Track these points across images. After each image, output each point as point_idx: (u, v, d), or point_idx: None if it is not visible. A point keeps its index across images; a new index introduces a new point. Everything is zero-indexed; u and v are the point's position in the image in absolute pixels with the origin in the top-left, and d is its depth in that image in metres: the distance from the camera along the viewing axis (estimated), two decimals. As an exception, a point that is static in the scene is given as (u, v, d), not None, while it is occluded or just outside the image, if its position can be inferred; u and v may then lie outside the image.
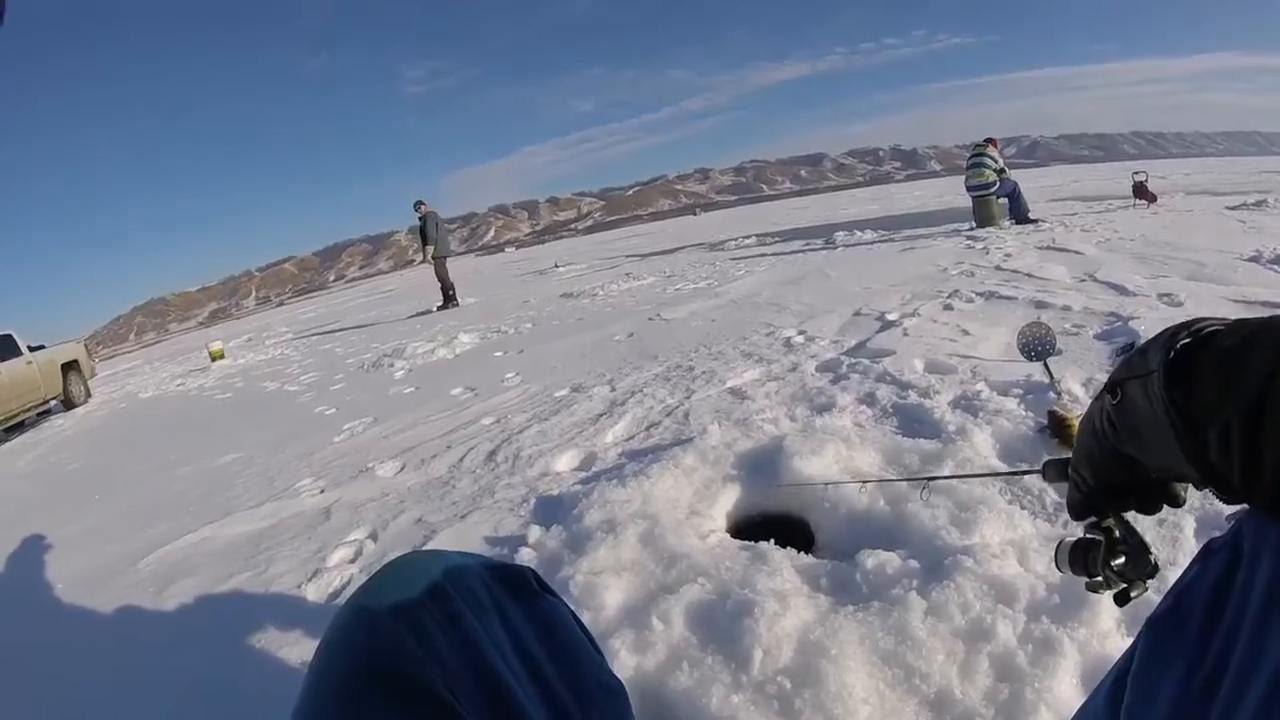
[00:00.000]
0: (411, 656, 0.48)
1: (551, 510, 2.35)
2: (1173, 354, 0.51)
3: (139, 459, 5.18)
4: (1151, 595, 0.71)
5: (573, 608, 1.63)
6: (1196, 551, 1.50)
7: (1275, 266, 4.44)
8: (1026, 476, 2.00)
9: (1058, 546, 0.75)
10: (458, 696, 0.46)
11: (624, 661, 1.44)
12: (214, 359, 11.81)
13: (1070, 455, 0.70)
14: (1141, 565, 0.69)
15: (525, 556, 2.01)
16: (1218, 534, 1.53)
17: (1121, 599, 0.69)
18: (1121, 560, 0.69)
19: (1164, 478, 0.61)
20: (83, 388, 10.58)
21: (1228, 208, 8.22)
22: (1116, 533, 0.70)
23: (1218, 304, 3.70)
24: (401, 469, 3.30)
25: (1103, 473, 0.64)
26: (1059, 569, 0.75)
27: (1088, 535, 0.72)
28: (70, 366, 10.30)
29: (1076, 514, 0.71)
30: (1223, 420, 0.46)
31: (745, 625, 1.43)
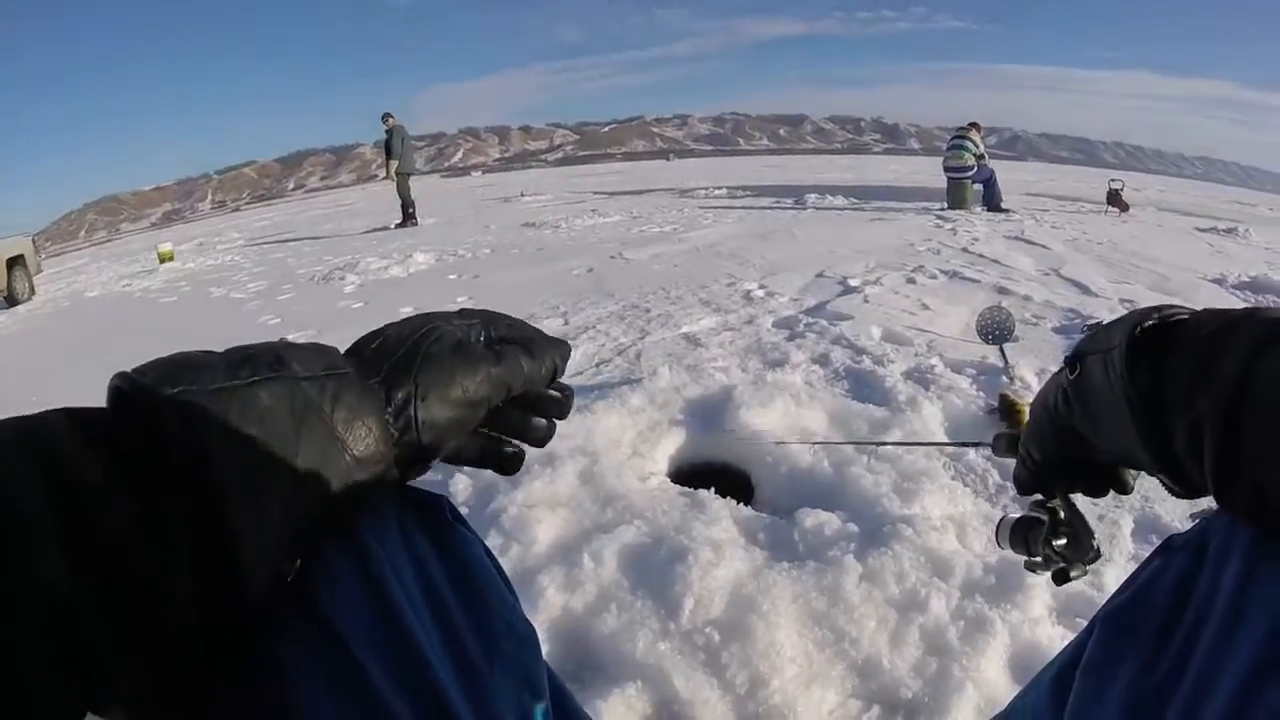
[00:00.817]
0: (301, 576, 0.41)
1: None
2: (1138, 331, 0.48)
3: (78, 361, 4.93)
4: (1090, 591, 0.68)
5: (501, 541, 1.58)
6: (1132, 551, 1.49)
7: (1237, 292, 4.52)
8: (972, 453, 2.00)
9: (999, 522, 0.74)
10: (348, 622, 0.40)
11: (551, 599, 1.40)
12: (163, 261, 11.35)
13: (1022, 431, 0.67)
14: (1084, 549, 0.67)
15: (460, 484, 1.95)
16: (1155, 536, 1.52)
17: (1060, 577, 0.67)
18: (1064, 542, 0.67)
19: (1114, 461, 0.58)
20: (27, 284, 10.06)
21: (1198, 229, 8.32)
22: (1061, 513, 0.68)
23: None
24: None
25: (1052, 450, 0.61)
26: (999, 545, 0.74)
27: (1031, 513, 0.70)
28: (15, 262, 9.77)
29: (1022, 490, 0.68)
30: (1193, 414, 0.43)
31: (678, 572, 1.39)
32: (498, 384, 0.47)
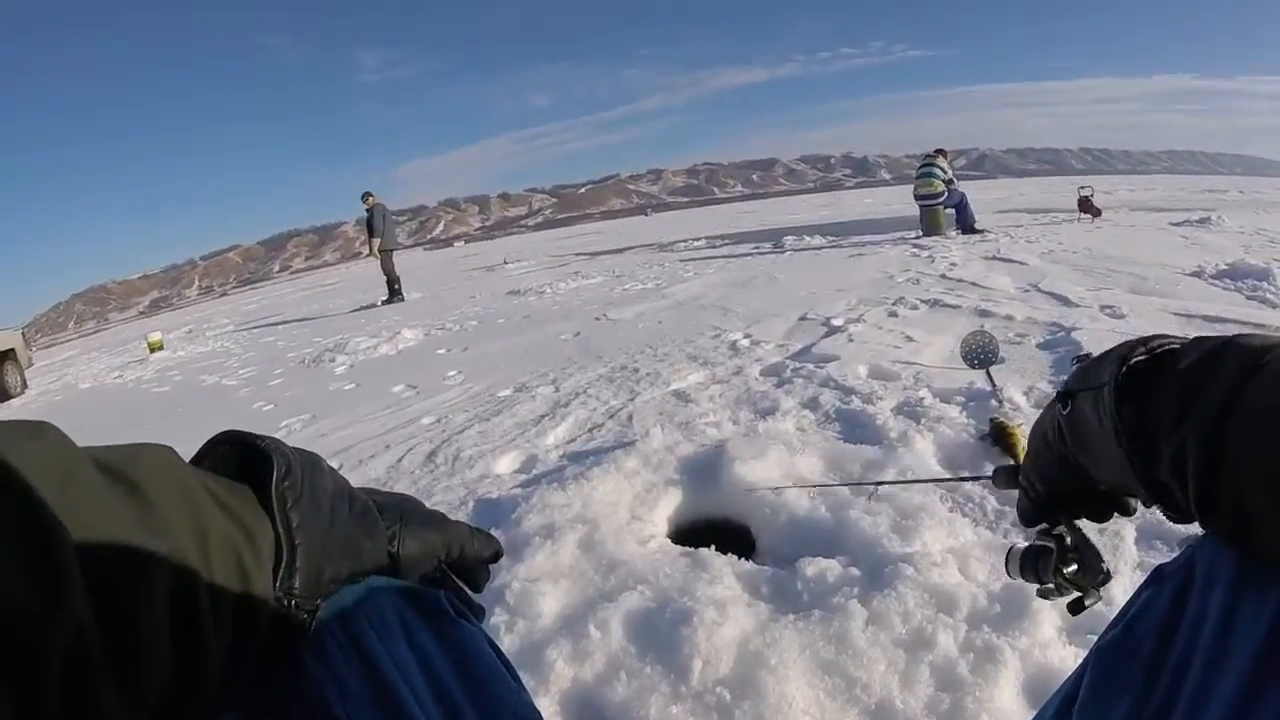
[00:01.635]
0: (310, 678, 0.43)
1: (490, 514, 2.29)
2: (1125, 369, 0.49)
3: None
4: (1098, 605, 0.69)
5: (507, 617, 1.58)
6: (1137, 559, 1.49)
7: (1217, 282, 4.58)
8: (967, 483, 2.01)
9: (1008, 553, 0.74)
10: (348, 710, 0.42)
11: (560, 672, 1.39)
12: (153, 350, 11.40)
13: (1019, 462, 0.68)
14: (1094, 573, 0.67)
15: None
16: (1160, 542, 1.51)
17: (1076, 607, 0.68)
18: (1074, 568, 0.67)
19: (1114, 490, 0.59)
20: (19, 378, 10.03)
21: (1171, 224, 8.47)
22: (1068, 540, 0.68)
23: (1159, 317, 3.81)
24: (338, 469, 3.19)
25: (1053, 480, 0.63)
26: (1009, 575, 0.74)
27: (1039, 542, 0.71)
28: (6, 356, 9.75)
29: (1027, 521, 0.70)
30: (1177, 441, 0.44)
31: (684, 634, 1.40)
32: (444, 543, 0.62)
